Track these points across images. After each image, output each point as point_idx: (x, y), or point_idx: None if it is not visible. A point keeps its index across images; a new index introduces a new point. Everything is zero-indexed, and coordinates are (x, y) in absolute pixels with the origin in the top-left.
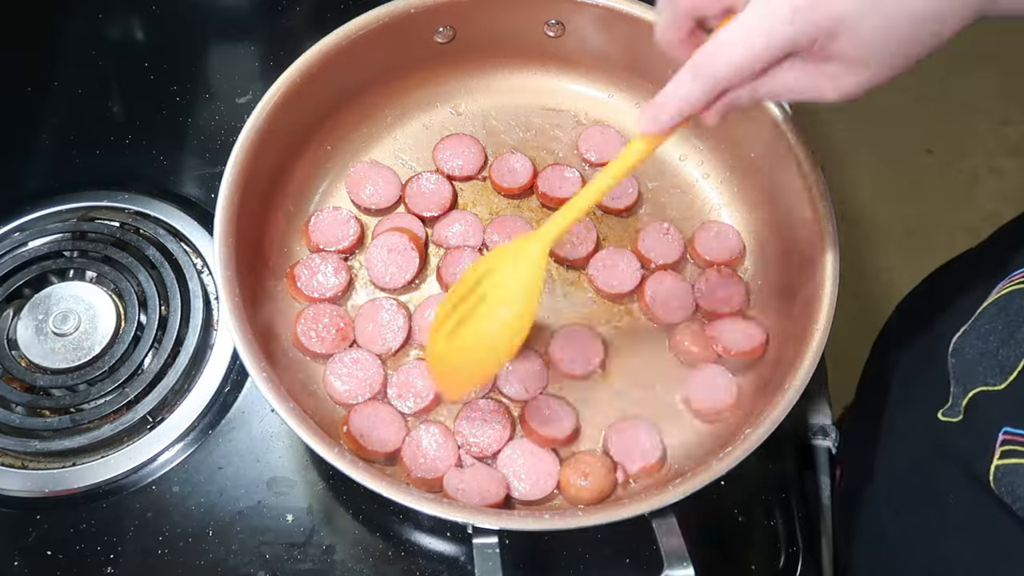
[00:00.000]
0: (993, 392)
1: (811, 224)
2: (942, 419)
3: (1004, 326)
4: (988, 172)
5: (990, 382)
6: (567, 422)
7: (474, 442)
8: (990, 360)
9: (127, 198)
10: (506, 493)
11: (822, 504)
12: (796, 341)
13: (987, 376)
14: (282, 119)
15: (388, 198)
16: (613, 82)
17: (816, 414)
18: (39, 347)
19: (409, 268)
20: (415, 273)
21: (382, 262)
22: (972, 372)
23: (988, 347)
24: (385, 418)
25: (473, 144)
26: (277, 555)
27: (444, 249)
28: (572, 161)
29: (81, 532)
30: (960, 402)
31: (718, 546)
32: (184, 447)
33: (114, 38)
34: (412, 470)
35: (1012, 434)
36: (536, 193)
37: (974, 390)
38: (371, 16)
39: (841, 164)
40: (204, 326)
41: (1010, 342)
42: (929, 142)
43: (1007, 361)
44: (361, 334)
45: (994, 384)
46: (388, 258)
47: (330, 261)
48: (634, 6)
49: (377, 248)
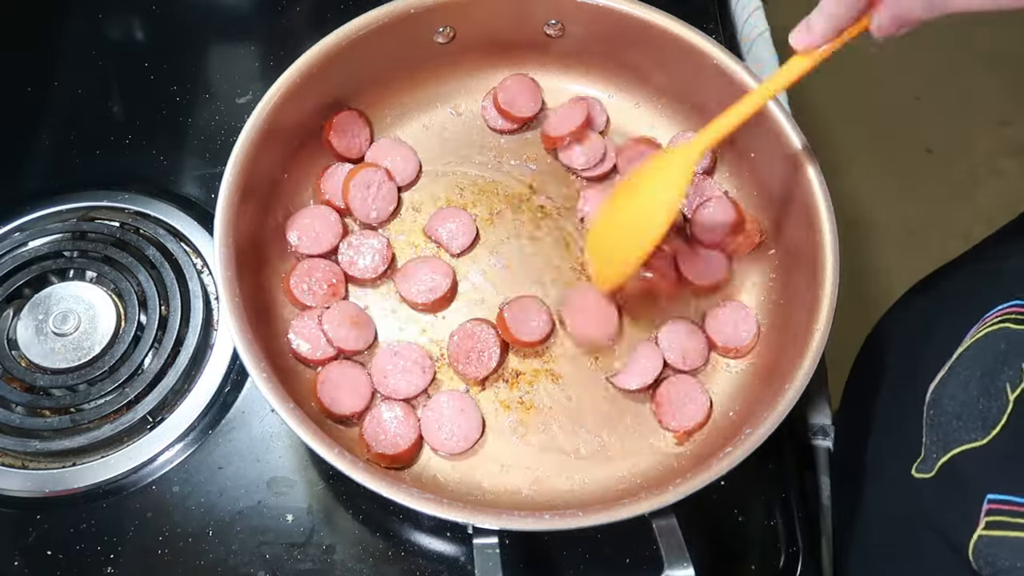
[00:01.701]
0: (976, 450)
1: (811, 224)
2: (916, 475)
3: (983, 373)
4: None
5: (972, 437)
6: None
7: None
8: (971, 411)
9: (127, 198)
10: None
11: (822, 504)
12: (796, 341)
13: (969, 431)
14: (282, 119)
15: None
16: (613, 82)
17: (816, 414)
18: (39, 347)
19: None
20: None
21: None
22: (951, 428)
23: (968, 396)
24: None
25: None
26: (277, 555)
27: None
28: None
29: (81, 532)
30: (936, 459)
31: (718, 546)
32: (184, 447)
33: (114, 38)
34: (372, 446)
35: (999, 502)
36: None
37: (955, 450)
38: (371, 16)
39: (841, 164)
40: (204, 326)
41: (991, 391)
42: (929, 142)
43: (989, 413)
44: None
45: (976, 439)
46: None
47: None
48: (634, 6)
49: (356, 187)
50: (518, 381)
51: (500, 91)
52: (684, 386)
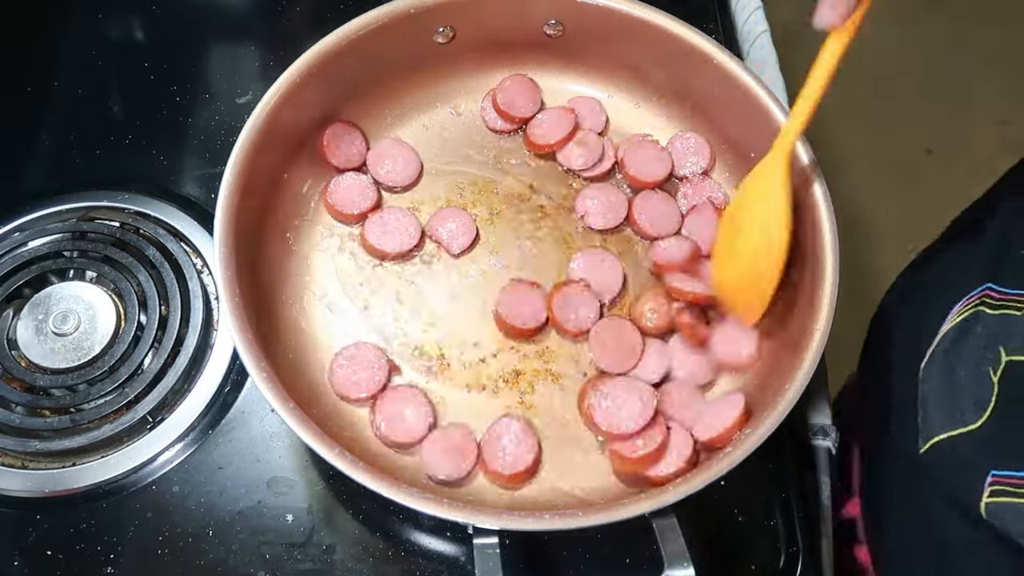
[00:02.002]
0: (971, 433)
1: (811, 224)
2: (920, 452)
3: (968, 356)
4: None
5: (966, 419)
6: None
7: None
8: (964, 395)
9: (127, 198)
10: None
11: (822, 504)
12: (796, 341)
13: (964, 413)
14: (282, 119)
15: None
16: (613, 82)
17: (816, 414)
18: (39, 347)
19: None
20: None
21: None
22: (944, 409)
23: (956, 379)
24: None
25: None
26: (277, 555)
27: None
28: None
29: (81, 532)
30: (929, 438)
31: (718, 546)
32: (184, 447)
33: (114, 38)
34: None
35: (1001, 477)
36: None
37: (951, 432)
38: (371, 16)
39: (841, 164)
40: (204, 326)
41: (977, 374)
42: (929, 142)
43: (981, 397)
44: None
45: (970, 422)
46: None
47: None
48: (634, 6)
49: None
50: (518, 381)
51: (499, 92)
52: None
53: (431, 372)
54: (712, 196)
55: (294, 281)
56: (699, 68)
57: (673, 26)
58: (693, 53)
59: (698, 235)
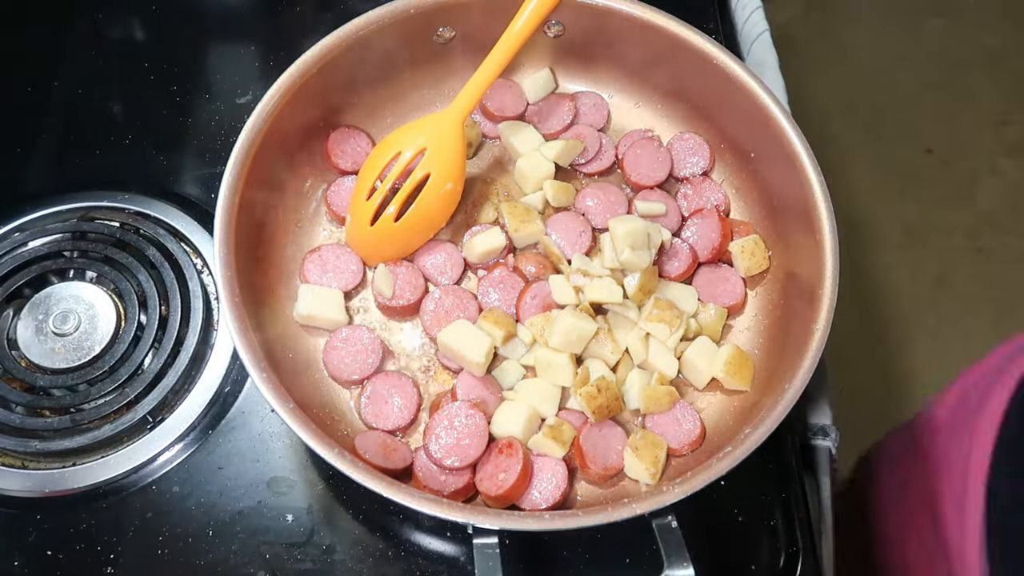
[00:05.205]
0: None
1: (811, 224)
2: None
3: None
4: (988, 172)
5: None
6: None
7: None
8: None
9: (127, 198)
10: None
11: (822, 504)
12: (796, 341)
13: None
14: (282, 119)
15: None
16: (613, 82)
17: (816, 414)
18: (39, 347)
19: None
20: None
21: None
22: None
23: None
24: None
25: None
26: (277, 555)
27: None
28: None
29: (81, 532)
30: None
31: (718, 546)
32: (184, 447)
33: (114, 38)
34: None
35: None
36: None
37: None
38: (371, 16)
39: (841, 164)
40: (204, 326)
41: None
42: (929, 142)
43: None
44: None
45: None
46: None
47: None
48: (634, 6)
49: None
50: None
51: (487, 100)
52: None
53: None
54: (712, 198)
55: (294, 281)
56: (699, 68)
57: (673, 26)
58: (693, 53)
59: (700, 238)
